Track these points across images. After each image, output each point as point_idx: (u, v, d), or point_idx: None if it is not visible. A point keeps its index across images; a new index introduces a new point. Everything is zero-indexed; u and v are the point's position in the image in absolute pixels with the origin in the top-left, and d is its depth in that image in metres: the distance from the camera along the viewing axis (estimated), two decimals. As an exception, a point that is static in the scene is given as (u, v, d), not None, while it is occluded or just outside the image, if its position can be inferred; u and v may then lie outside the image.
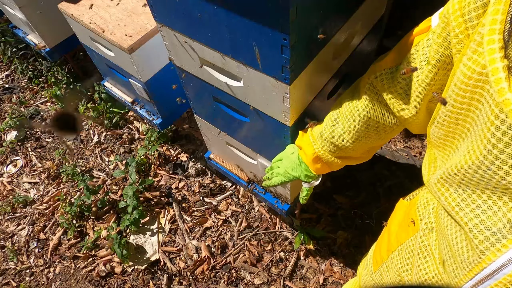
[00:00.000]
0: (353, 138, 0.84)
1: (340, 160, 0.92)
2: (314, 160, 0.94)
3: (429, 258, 0.67)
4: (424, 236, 0.70)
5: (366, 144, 0.86)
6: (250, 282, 1.77)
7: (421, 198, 0.77)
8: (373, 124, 0.80)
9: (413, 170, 1.92)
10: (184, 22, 0.91)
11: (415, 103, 0.66)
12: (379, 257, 0.91)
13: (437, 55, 0.58)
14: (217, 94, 1.12)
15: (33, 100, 2.80)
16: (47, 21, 2.08)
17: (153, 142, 2.23)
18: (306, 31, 0.76)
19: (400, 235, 0.80)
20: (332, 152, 0.91)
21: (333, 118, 0.87)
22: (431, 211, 0.72)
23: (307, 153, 0.94)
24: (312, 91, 1.01)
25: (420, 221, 0.73)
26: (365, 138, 0.84)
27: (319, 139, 0.91)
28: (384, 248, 0.88)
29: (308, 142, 0.94)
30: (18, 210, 2.24)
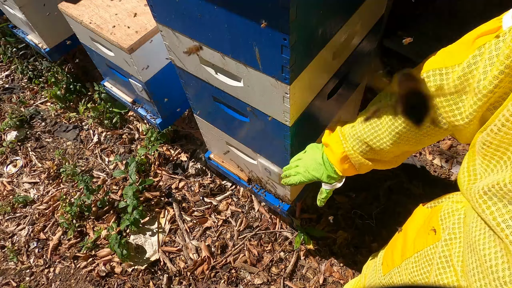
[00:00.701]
0: (392, 140, 0.77)
1: (371, 162, 0.86)
2: (342, 159, 0.88)
3: (449, 269, 0.65)
4: (446, 246, 0.67)
5: (404, 147, 0.79)
6: (250, 282, 1.77)
7: (445, 207, 0.74)
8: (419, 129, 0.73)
9: (413, 170, 1.92)
10: (184, 22, 0.91)
11: (471, 110, 0.60)
12: (390, 261, 0.89)
13: (508, 61, 0.52)
14: (217, 94, 1.12)
15: (33, 100, 2.80)
16: (47, 21, 2.08)
17: (153, 142, 2.23)
18: (306, 31, 0.76)
19: (418, 242, 0.77)
20: (363, 153, 0.84)
21: (373, 120, 0.80)
22: (457, 221, 0.69)
23: (335, 151, 0.88)
24: (312, 91, 1.01)
25: (442, 230, 0.71)
26: (405, 141, 0.77)
27: (351, 138, 0.85)
28: (398, 253, 0.85)
29: (337, 140, 0.87)
30: (18, 210, 2.24)
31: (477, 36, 0.60)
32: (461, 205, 0.72)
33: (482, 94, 0.56)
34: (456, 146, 1.99)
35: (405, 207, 1.83)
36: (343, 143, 0.87)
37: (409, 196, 1.86)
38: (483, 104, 0.57)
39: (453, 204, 0.74)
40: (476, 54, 0.58)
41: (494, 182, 0.51)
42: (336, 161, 0.89)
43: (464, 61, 0.60)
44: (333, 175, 0.92)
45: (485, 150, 0.56)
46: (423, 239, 0.76)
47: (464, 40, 0.63)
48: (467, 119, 0.62)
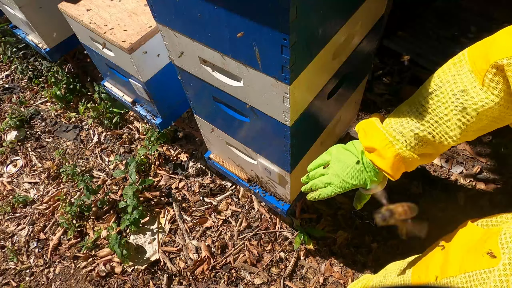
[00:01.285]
0: (461, 134, 0.68)
1: (422, 158, 0.77)
2: (396, 163, 0.77)
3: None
4: (504, 271, 0.62)
5: (470, 138, 0.71)
6: (250, 282, 1.77)
7: (507, 230, 0.68)
8: (494, 117, 0.64)
9: (413, 170, 1.92)
10: (184, 22, 0.91)
11: None
12: (424, 275, 0.84)
13: None
14: (217, 94, 1.12)
15: (33, 100, 2.80)
16: (47, 21, 2.08)
17: (153, 142, 2.23)
18: (306, 31, 0.76)
19: (467, 262, 0.71)
20: (417, 150, 0.75)
21: (430, 110, 0.70)
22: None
23: (386, 156, 0.77)
24: (312, 91, 1.01)
25: (502, 255, 0.65)
26: (473, 133, 0.69)
27: (403, 136, 0.74)
28: (436, 268, 0.79)
29: (385, 141, 0.77)
30: (18, 210, 2.24)
31: None
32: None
33: None
34: (456, 146, 1.99)
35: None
36: (394, 144, 0.76)
37: (409, 196, 1.86)
38: None
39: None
40: None
41: None
42: (388, 167, 0.78)
43: None
44: (376, 179, 0.83)
45: None
46: (475, 260, 0.70)
47: None
48: None
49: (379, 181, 0.85)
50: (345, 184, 0.83)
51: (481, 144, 1.97)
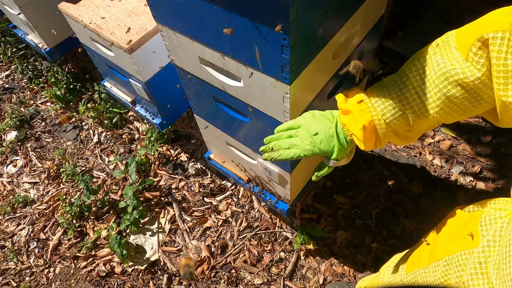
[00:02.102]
0: (438, 112, 0.68)
1: (393, 134, 0.76)
2: (369, 129, 0.75)
3: (482, 277, 0.63)
4: (483, 253, 0.64)
5: (442, 120, 0.71)
6: (250, 282, 1.77)
7: (487, 213, 0.70)
8: (473, 96, 0.63)
9: (413, 170, 1.92)
10: (184, 22, 0.91)
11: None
12: (416, 261, 0.86)
13: None
14: (217, 94, 1.12)
15: (33, 100, 2.80)
16: (47, 21, 2.08)
17: (153, 142, 2.23)
18: (306, 31, 0.76)
19: (451, 245, 0.74)
20: (393, 122, 0.74)
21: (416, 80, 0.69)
22: (499, 229, 0.65)
23: (360, 120, 0.74)
24: (312, 91, 1.01)
25: (481, 237, 0.67)
26: (449, 113, 0.68)
27: (380, 104, 0.73)
28: (426, 254, 0.82)
29: (363, 106, 0.75)
30: (18, 210, 2.24)
31: None
32: (505, 212, 0.69)
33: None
34: (456, 146, 1.99)
35: (405, 207, 1.83)
36: (371, 110, 0.74)
37: (409, 196, 1.86)
38: None
39: (496, 211, 0.70)
40: None
41: None
42: (360, 132, 0.75)
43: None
44: (345, 149, 0.79)
45: None
46: (457, 243, 0.72)
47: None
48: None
49: (347, 152, 0.81)
50: (313, 147, 0.78)
51: (481, 144, 1.97)
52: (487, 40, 0.56)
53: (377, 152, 2.00)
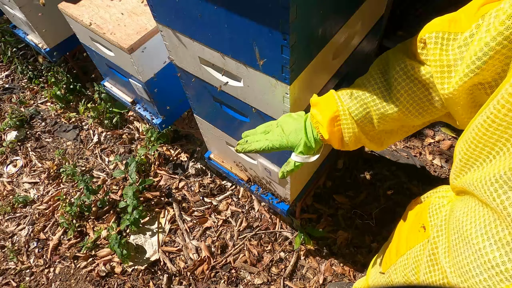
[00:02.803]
0: (401, 104, 0.72)
1: (359, 130, 0.78)
2: (333, 120, 0.77)
3: (436, 267, 0.64)
4: (434, 244, 0.66)
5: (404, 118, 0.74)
6: (250, 282, 1.77)
7: (433, 203, 0.72)
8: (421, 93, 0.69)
9: (413, 170, 1.92)
10: (184, 22, 0.91)
11: (460, 82, 0.58)
12: (388, 259, 0.87)
13: (508, 32, 0.49)
14: (217, 94, 1.12)
15: (33, 100, 2.80)
16: (47, 21, 2.08)
17: (153, 142, 2.23)
18: (306, 31, 0.76)
19: (410, 239, 0.76)
20: (357, 116, 0.76)
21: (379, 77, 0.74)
22: (444, 217, 0.67)
23: (326, 110, 0.77)
24: (312, 91, 1.01)
25: (431, 227, 0.69)
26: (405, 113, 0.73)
27: (348, 98, 0.76)
28: (394, 250, 0.84)
29: (331, 100, 0.78)
30: (18, 210, 2.24)
31: (481, 4, 0.56)
32: (447, 200, 0.71)
33: (476, 65, 0.54)
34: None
35: (405, 207, 1.83)
36: (337, 102, 0.77)
37: (409, 196, 1.86)
38: (474, 75, 0.55)
39: (439, 199, 0.72)
40: (480, 23, 0.55)
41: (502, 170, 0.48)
42: (325, 121, 0.77)
43: (466, 31, 0.58)
44: (311, 144, 0.81)
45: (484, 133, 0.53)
46: (414, 236, 0.74)
47: (469, 7, 0.60)
48: (452, 89, 0.60)
49: (314, 149, 0.83)
50: (281, 138, 0.81)
51: (481, 144, 1.96)
52: (425, 40, 0.64)
53: (377, 152, 2.00)
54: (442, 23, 0.63)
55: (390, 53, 0.75)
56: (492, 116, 0.50)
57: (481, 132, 0.53)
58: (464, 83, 0.58)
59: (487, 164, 0.55)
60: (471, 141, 0.56)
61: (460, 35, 0.59)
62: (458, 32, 0.59)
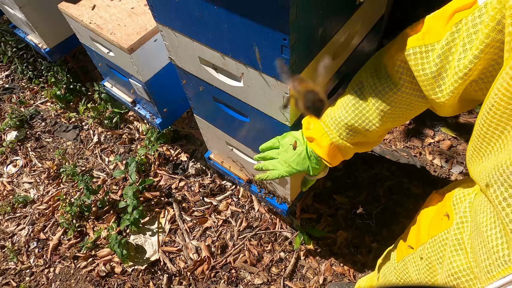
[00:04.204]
0: (381, 121, 0.77)
1: (355, 146, 0.86)
2: (331, 151, 0.86)
3: (461, 252, 0.67)
4: (458, 230, 0.69)
5: (391, 125, 0.80)
6: (250, 282, 1.77)
7: (457, 192, 0.76)
8: (405, 104, 0.74)
9: (413, 170, 1.92)
10: (184, 22, 0.91)
11: (452, 88, 0.61)
12: (404, 249, 0.90)
13: (487, 39, 0.52)
14: (217, 94, 1.12)
15: (33, 100, 2.80)
16: (47, 21, 2.08)
17: (153, 142, 2.23)
18: (306, 31, 0.76)
19: (432, 227, 0.79)
20: (350, 139, 0.84)
21: (355, 101, 0.78)
22: (468, 205, 0.70)
23: (322, 144, 0.85)
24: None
25: (455, 215, 0.72)
26: (392, 120, 0.78)
27: (336, 126, 0.82)
28: (412, 240, 0.87)
29: (322, 132, 0.85)
30: (18, 210, 2.24)
31: (453, 11, 0.59)
32: (472, 189, 0.73)
33: (463, 73, 0.57)
34: (456, 146, 1.99)
35: (405, 207, 1.83)
36: (329, 134, 0.84)
37: (409, 196, 1.86)
38: (463, 81, 0.59)
39: (464, 189, 0.75)
40: (453, 31, 0.59)
41: (498, 164, 0.51)
42: (325, 154, 0.86)
43: (442, 39, 0.61)
44: (318, 167, 0.90)
45: (486, 127, 0.56)
46: (437, 224, 0.77)
47: (440, 15, 0.62)
48: (448, 96, 0.63)
49: (321, 168, 0.91)
50: (291, 169, 0.90)
51: (481, 144, 1.96)
52: (404, 59, 0.68)
53: (377, 152, 2.00)
54: (418, 35, 0.66)
55: (364, 75, 0.78)
56: (493, 107, 0.52)
57: (486, 123, 0.55)
58: (458, 90, 0.61)
59: (490, 155, 0.57)
60: (480, 128, 0.58)
61: (436, 44, 0.62)
62: (434, 41, 0.62)
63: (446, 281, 0.68)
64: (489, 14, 0.52)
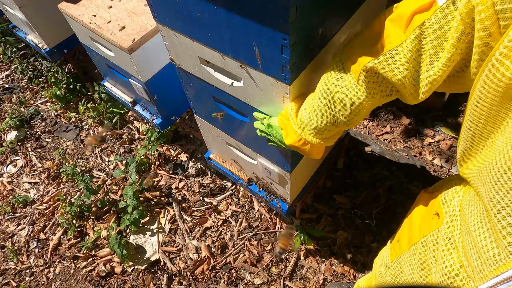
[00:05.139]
0: (351, 122, 0.81)
1: (324, 141, 0.90)
2: (301, 144, 0.92)
3: (453, 251, 0.67)
4: (449, 229, 0.69)
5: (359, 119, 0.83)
6: (250, 282, 1.77)
7: (446, 191, 0.76)
8: (373, 104, 0.76)
9: (413, 170, 1.92)
10: (184, 22, 0.91)
11: (426, 88, 0.63)
12: (398, 248, 0.90)
13: (458, 43, 0.54)
14: (217, 94, 1.12)
15: (33, 100, 2.80)
16: (47, 21, 2.08)
17: (153, 142, 2.23)
18: (306, 31, 0.76)
19: (423, 227, 0.79)
20: (323, 136, 0.89)
21: (326, 107, 0.80)
22: (456, 203, 0.71)
23: (292, 137, 0.92)
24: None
25: (444, 214, 0.73)
26: (361, 118, 0.81)
27: (307, 128, 0.87)
28: (405, 239, 0.87)
29: (300, 140, 0.91)
30: (18, 210, 2.24)
31: (411, 13, 0.59)
32: (459, 187, 0.74)
33: (442, 71, 0.58)
34: (456, 146, 1.99)
35: (405, 207, 1.83)
36: (301, 133, 0.89)
37: (409, 196, 1.86)
38: (439, 78, 0.60)
39: (452, 187, 0.75)
40: (418, 34, 0.59)
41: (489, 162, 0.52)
42: (305, 153, 0.94)
43: (404, 41, 0.61)
44: None
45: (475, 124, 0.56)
46: (428, 224, 0.77)
47: (398, 18, 0.62)
48: (423, 96, 0.65)
49: None
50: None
51: (481, 144, 1.96)
52: (371, 68, 0.67)
53: (377, 152, 2.00)
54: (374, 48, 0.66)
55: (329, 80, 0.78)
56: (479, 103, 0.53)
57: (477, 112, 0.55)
58: (433, 86, 0.62)
59: (483, 150, 0.58)
60: (468, 127, 0.58)
61: (399, 47, 0.62)
62: (397, 45, 0.62)
63: (440, 280, 0.69)
64: (457, 19, 0.52)
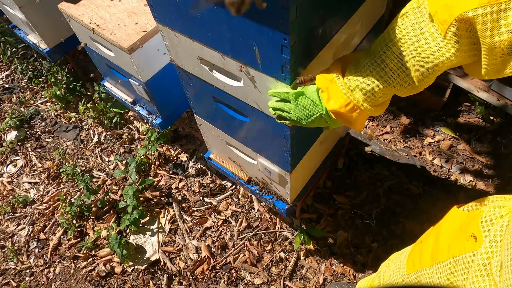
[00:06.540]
0: (419, 85, 0.69)
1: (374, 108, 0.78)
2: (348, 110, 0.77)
3: (488, 278, 0.63)
4: (486, 254, 0.65)
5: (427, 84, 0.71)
6: (250, 282, 1.77)
7: (487, 213, 0.70)
8: (452, 65, 0.64)
9: (413, 170, 1.92)
10: (184, 22, 0.91)
11: None
12: (417, 261, 0.86)
13: None
14: (217, 94, 1.12)
15: (33, 100, 2.80)
16: (47, 21, 2.08)
17: (153, 142, 2.23)
18: (306, 31, 0.76)
19: (454, 246, 0.74)
20: (375, 102, 0.76)
21: (390, 63, 0.69)
22: (499, 229, 0.65)
23: (338, 101, 0.77)
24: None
25: (484, 237, 0.67)
26: (430, 81, 0.69)
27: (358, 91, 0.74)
28: (427, 254, 0.82)
29: (349, 105, 0.77)
30: (18, 210, 2.24)
31: None
32: (505, 210, 0.68)
33: None
34: (456, 146, 1.99)
35: (405, 207, 1.83)
36: (359, 105, 0.76)
37: (409, 196, 1.86)
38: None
39: (495, 209, 0.69)
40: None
41: None
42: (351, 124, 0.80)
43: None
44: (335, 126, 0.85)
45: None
46: (460, 244, 0.72)
47: None
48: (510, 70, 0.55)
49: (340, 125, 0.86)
50: (306, 124, 0.85)
51: (481, 144, 1.97)
52: (467, 18, 0.53)
53: (377, 152, 2.00)
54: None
55: (402, 27, 0.66)
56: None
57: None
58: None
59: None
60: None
61: None
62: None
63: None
64: None
